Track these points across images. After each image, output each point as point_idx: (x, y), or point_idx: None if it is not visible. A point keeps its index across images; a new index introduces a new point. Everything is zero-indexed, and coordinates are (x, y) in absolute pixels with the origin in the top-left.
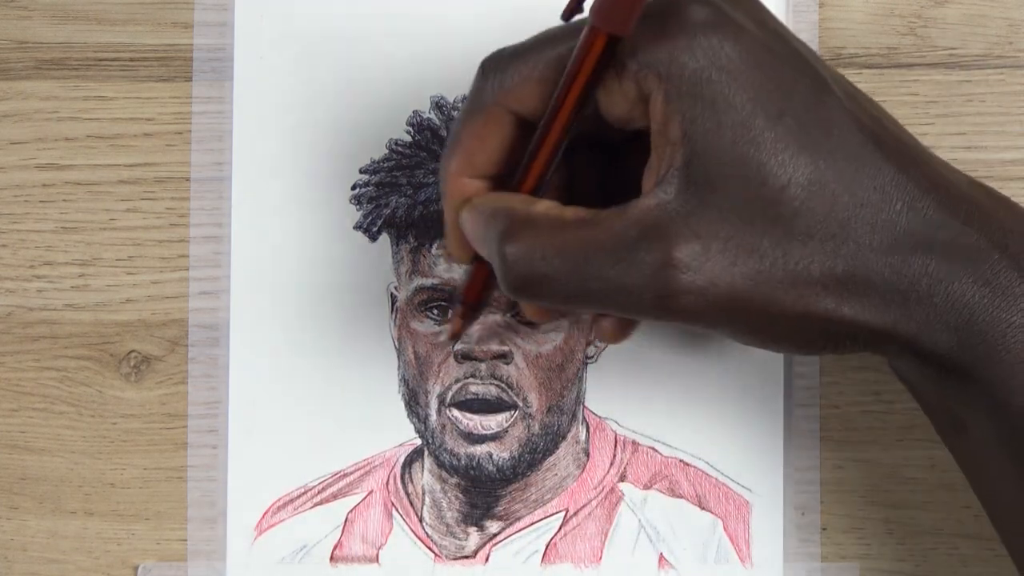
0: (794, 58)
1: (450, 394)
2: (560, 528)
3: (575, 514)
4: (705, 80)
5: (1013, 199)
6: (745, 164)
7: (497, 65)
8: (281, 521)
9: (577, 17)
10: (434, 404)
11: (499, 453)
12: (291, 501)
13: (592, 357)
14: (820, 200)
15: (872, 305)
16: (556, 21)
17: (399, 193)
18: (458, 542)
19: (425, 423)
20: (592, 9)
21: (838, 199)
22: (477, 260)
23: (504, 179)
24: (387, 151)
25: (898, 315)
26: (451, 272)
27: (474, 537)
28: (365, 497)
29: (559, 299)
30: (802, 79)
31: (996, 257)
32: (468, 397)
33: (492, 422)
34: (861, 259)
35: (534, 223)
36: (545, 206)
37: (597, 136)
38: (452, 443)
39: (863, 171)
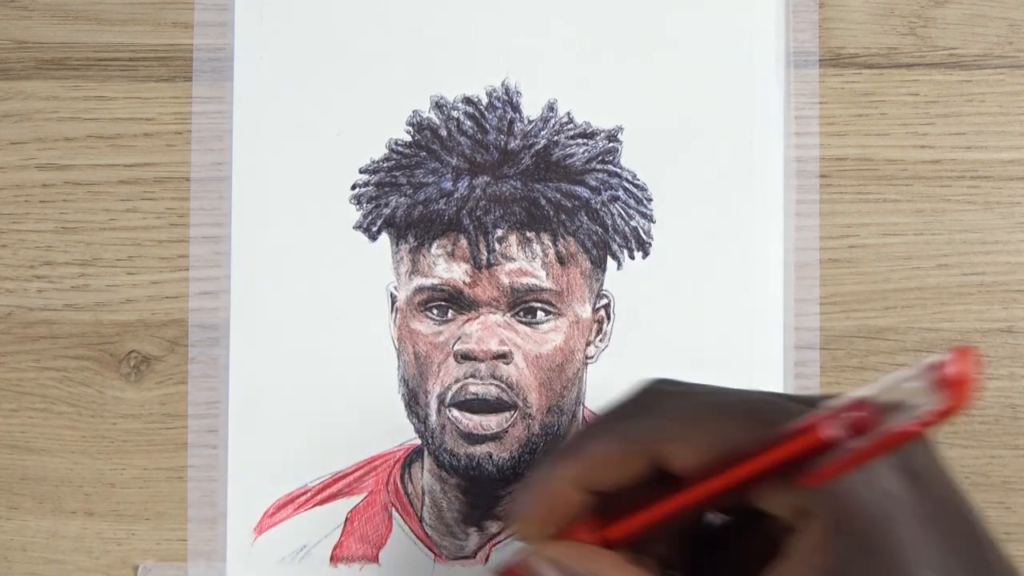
0: (962, 517)
1: (450, 394)
2: None
3: None
4: (874, 520)
5: (1013, 200)
6: None
7: (662, 406)
8: (281, 521)
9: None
10: (434, 404)
11: (499, 453)
12: (291, 501)
13: (592, 357)
14: None
15: None
16: (555, 21)
17: (399, 193)
18: (458, 542)
19: (425, 423)
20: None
21: None
22: None
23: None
24: (387, 151)
25: None
26: (451, 272)
27: (474, 537)
28: (365, 497)
29: None
30: (967, 537)
31: None
32: (468, 397)
33: (492, 422)
34: None
35: None
36: None
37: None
38: (452, 443)
39: None
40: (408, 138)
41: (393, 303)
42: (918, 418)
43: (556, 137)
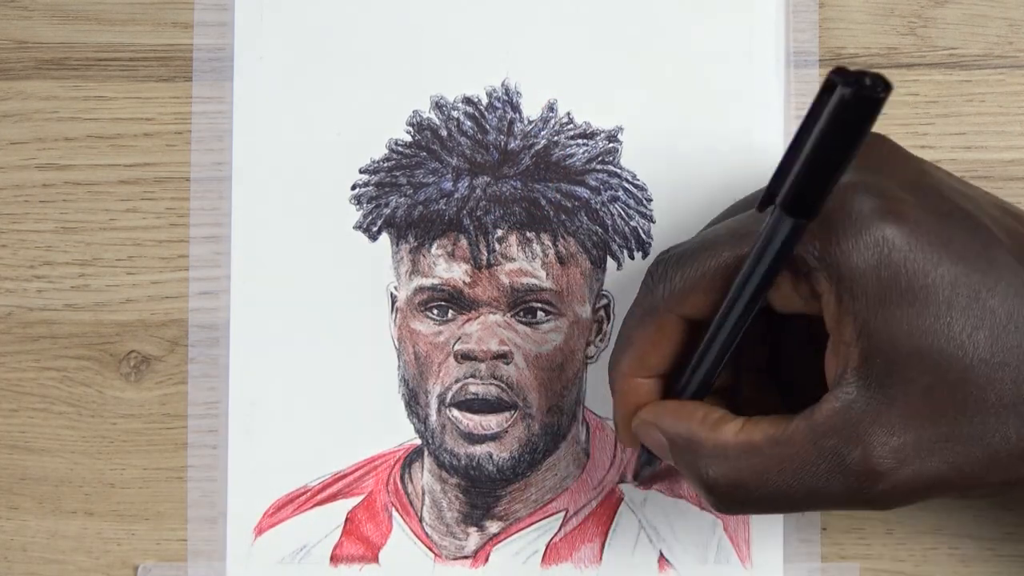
0: (961, 223)
1: (450, 394)
2: (560, 528)
3: (575, 514)
4: (874, 278)
5: (1013, 200)
6: (925, 354)
7: (665, 273)
8: (281, 521)
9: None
10: (434, 404)
11: (499, 453)
12: (291, 501)
13: (592, 357)
14: (1004, 368)
15: None
16: (555, 21)
17: (399, 193)
18: (458, 542)
19: (425, 423)
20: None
21: (1022, 361)
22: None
23: (673, 376)
24: (387, 151)
25: None
26: (451, 272)
27: (474, 537)
28: (365, 497)
29: (766, 511)
30: (971, 244)
31: None
32: (468, 397)
33: (492, 422)
34: None
35: (726, 452)
36: (732, 430)
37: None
38: (452, 443)
39: None
40: (408, 138)
41: (393, 303)
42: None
43: (556, 137)
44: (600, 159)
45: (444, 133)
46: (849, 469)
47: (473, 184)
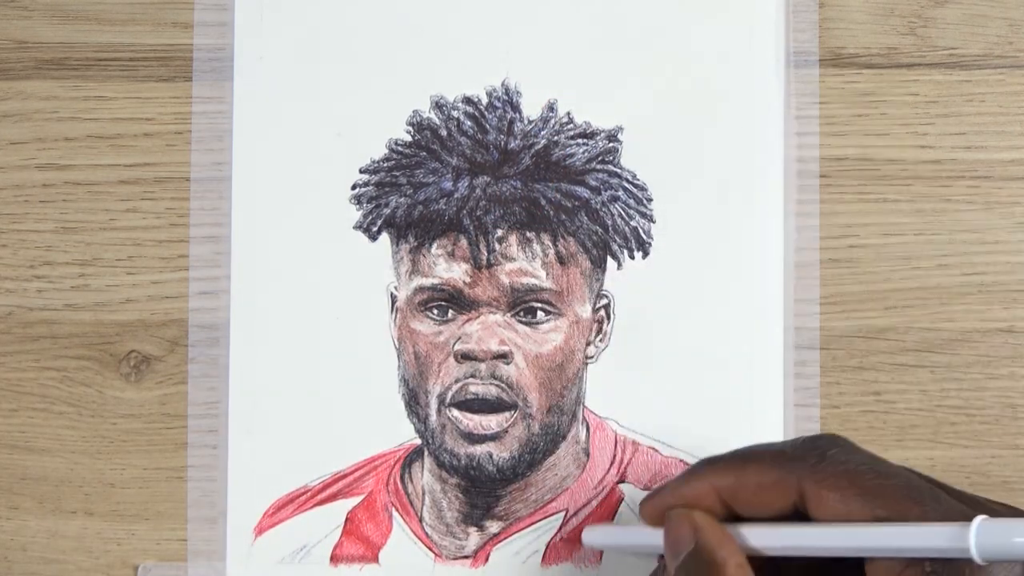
0: None
1: (450, 394)
2: (560, 528)
3: (575, 514)
4: None
5: (1013, 200)
6: None
7: (828, 451)
8: (281, 521)
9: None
10: (434, 404)
11: (499, 453)
12: (291, 501)
13: (592, 357)
14: None
15: None
16: (555, 21)
17: (399, 193)
18: (458, 542)
19: (425, 423)
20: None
21: None
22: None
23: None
24: (387, 151)
25: None
26: (451, 272)
27: (474, 537)
28: (365, 497)
29: None
30: None
31: None
32: (468, 397)
33: (492, 422)
34: None
35: None
36: None
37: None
38: (452, 443)
39: None
40: (408, 138)
41: (393, 303)
42: None
43: (556, 137)
44: (600, 159)
45: (444, 133)
46: None
47: (473, 184)
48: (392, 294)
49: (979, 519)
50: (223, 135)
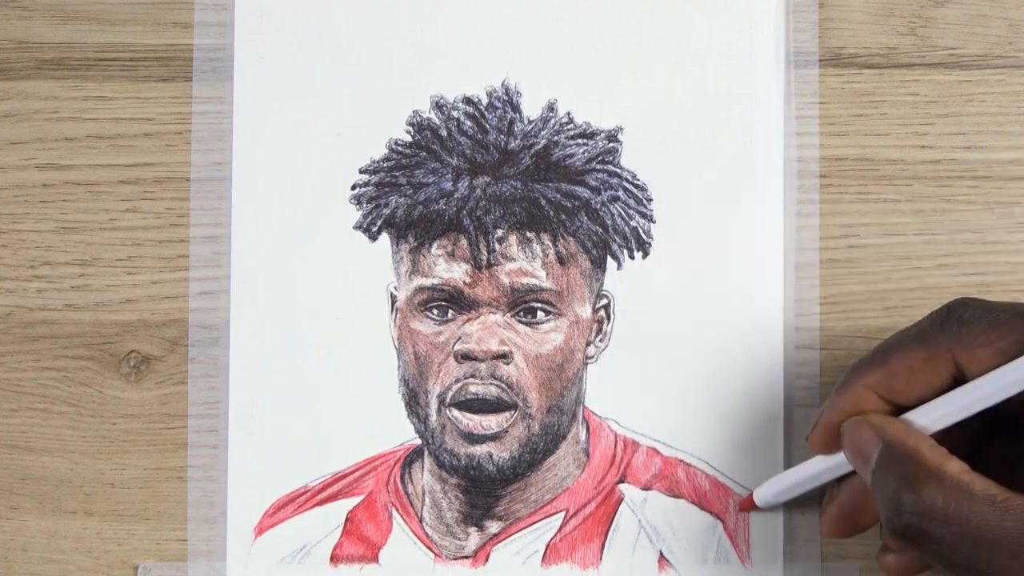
0: None
1: (450, 394)
2: (560, 528)
3: (575, 514)
4: None
5: (1013, 200)
6: None
7: (963, 315)
8: (281, 521)
9: None
10: (434, 404)
11: (499, 453)
12: (291, 501)
13: (592, 357)
14: None
15: None
16: (555, 21)
17: (399, 193)
18: (458, 542)
19: (425, 423)
20: None
21: None
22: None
23: (901, 411)
24: (387, 151)
25: None
26: (451, 272)
27: (474, 537)
28: (365, 497)
29: (940, 562)
30: None
31: None
32: (468, 397)
33: (492, 422)
34: None
35: (943, 481)
36: (958, 467)
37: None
38: (452, 443)
39: None
40: (408, 138)
41: (393, 303)
42: None
43: (556, 137)
44: (600, 159)
45: (444, 133)
46: None
47: (473, 184)
48: (392, 294)
49: None
50: (223, 135)
